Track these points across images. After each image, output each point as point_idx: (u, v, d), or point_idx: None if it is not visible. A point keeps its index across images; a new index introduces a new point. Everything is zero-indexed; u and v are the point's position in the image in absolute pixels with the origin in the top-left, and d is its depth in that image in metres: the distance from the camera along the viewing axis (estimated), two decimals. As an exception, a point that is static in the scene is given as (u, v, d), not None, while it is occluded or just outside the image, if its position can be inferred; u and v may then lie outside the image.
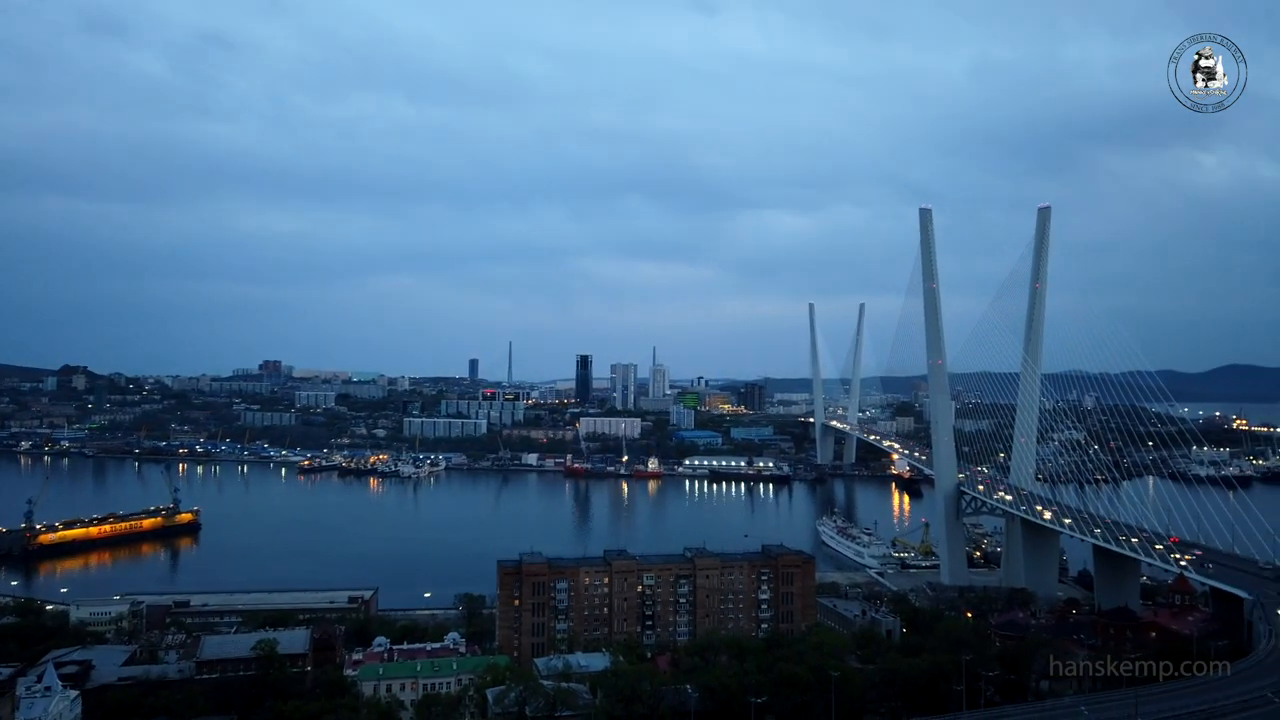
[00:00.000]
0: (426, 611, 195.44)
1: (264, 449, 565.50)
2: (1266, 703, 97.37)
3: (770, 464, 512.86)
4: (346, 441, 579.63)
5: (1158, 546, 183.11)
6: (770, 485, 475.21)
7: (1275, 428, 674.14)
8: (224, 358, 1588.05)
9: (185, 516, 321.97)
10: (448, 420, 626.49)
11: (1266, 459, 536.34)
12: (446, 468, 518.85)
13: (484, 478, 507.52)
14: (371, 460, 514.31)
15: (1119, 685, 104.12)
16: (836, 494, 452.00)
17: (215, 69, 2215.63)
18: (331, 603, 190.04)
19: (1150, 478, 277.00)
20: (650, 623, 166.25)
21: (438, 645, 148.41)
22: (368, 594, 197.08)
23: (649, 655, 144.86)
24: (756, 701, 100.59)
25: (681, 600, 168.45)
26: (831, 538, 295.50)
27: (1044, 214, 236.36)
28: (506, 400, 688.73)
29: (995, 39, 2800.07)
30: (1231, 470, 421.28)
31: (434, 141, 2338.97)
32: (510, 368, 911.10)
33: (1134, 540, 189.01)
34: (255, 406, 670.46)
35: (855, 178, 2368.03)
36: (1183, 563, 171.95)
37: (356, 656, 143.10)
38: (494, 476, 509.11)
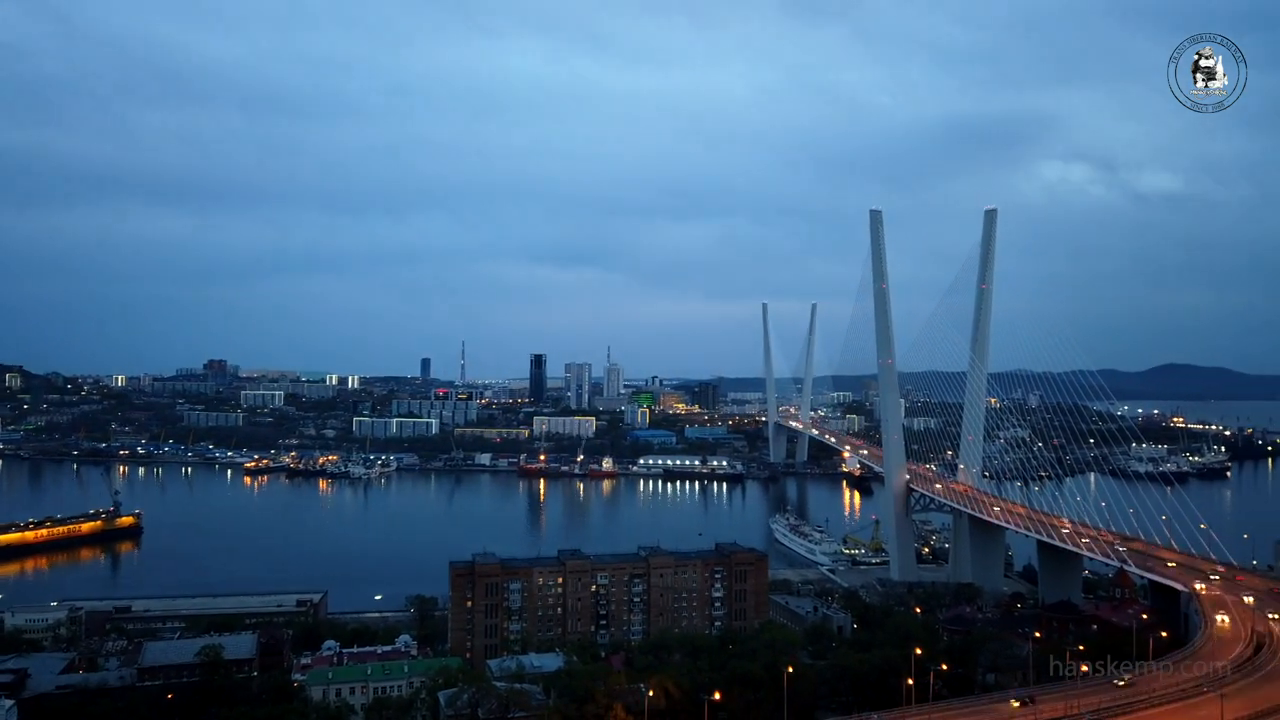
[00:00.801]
0: (377, 614, 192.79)
1: (209, 450, 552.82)
2: (1202, 691, 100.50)
3: (724, 463, 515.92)
4: (295, 442, 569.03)
5: (1100, 541, 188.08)
6: (724, 484, 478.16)
7: (1210, 425, 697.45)
8: (167, 357, 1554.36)
9: (126, 520, 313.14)
10: (399, 420, 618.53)
11: (1202, 455, 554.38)
12: (398, 468, 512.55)
13: (436, 478, 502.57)
14: (321, 461, 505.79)
15: (1061, 678, 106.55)
16: (789, 492, 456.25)
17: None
18: (279, 606, 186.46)
19: (1092, 474, 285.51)
20: (604, 622, 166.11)
21: (388, 648, 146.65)
22: (316, 597, 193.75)
23: (603, 655, 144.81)
24: (710, 699, 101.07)
25: (635, 599, 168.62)
26: (784, 535, 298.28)
27: (990, 216, 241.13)
28: (459, 400, 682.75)
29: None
30: (1169, 467, 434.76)
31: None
32: (463, 367, 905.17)
33: (1077, 536, 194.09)
34: (199, 407, 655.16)
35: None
36: (1122, 557, 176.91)
37: (305, 661, 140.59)
38: (447, 477, 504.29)
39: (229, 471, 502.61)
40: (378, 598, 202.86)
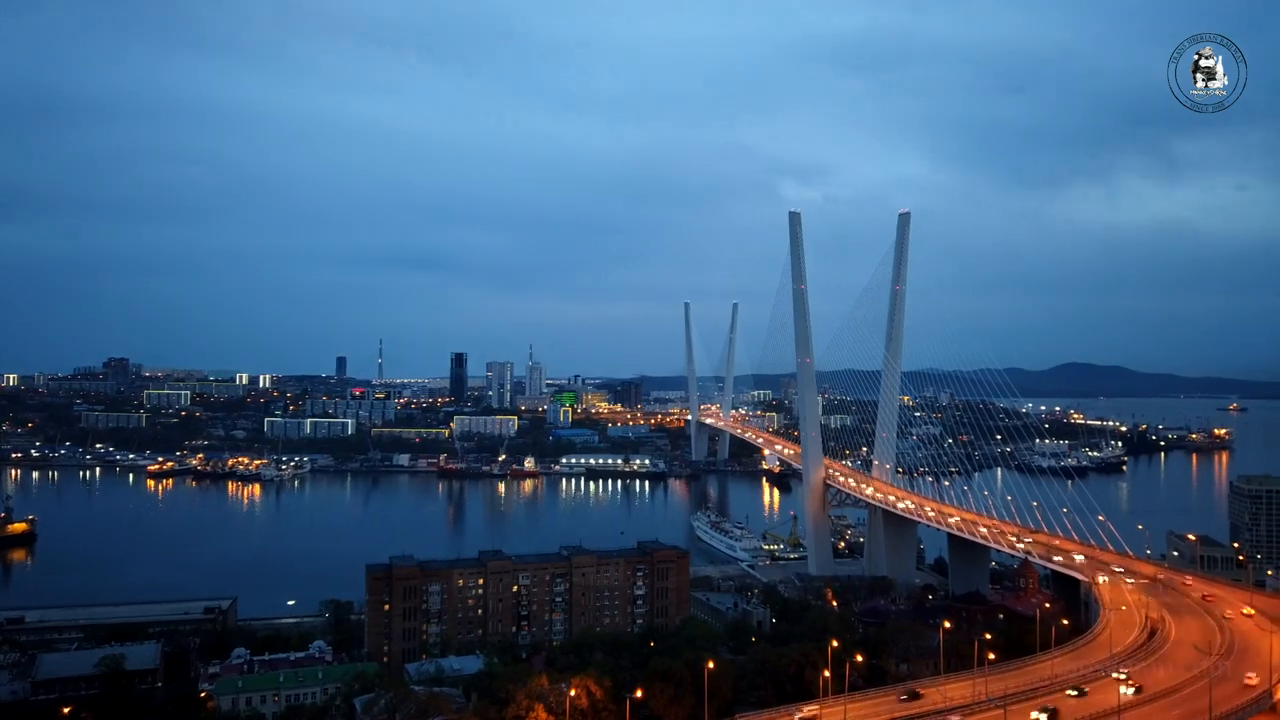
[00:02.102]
0: (290, 620, 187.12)
1: (109, 452, 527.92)
2: (1100, 676, 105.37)
3: (647, 461, 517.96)
4: (203, 443, 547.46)
5: (1006, 534, 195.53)
6: (646, 482, 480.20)
7: (1107, 421, 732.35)
8: (64, 356, 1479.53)
9: (18, 526, 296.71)
10: (313, 420, 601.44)
11: (1100, 451, 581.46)
12: (312, 469, 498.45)
13: (353, 479, 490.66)
14: (230, 463, 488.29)
15: (970, 665, 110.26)
16: (711, 489, 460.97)
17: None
18: (185, 614, 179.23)
19: (999, 469, 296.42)
20: (526, 623, 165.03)
21: (302, 654, 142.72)
22: (225, 603, 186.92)
23: (524, 656, 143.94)
24: (631, 697, 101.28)
25: (558, 599, 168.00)
26: (705, 532, 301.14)
27: (904, 219, 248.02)
28: (377, 399, 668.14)
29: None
30: (1070, 462, 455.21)
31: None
32: (380, 366, 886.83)
33: (984, 528, 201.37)
34: (99, 407, 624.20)
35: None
36: (1026, 549, 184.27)
37: (213, 670, 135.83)
38: (363, 478, 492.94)
39: (131, 475, 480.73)
40: (291, 603, 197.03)
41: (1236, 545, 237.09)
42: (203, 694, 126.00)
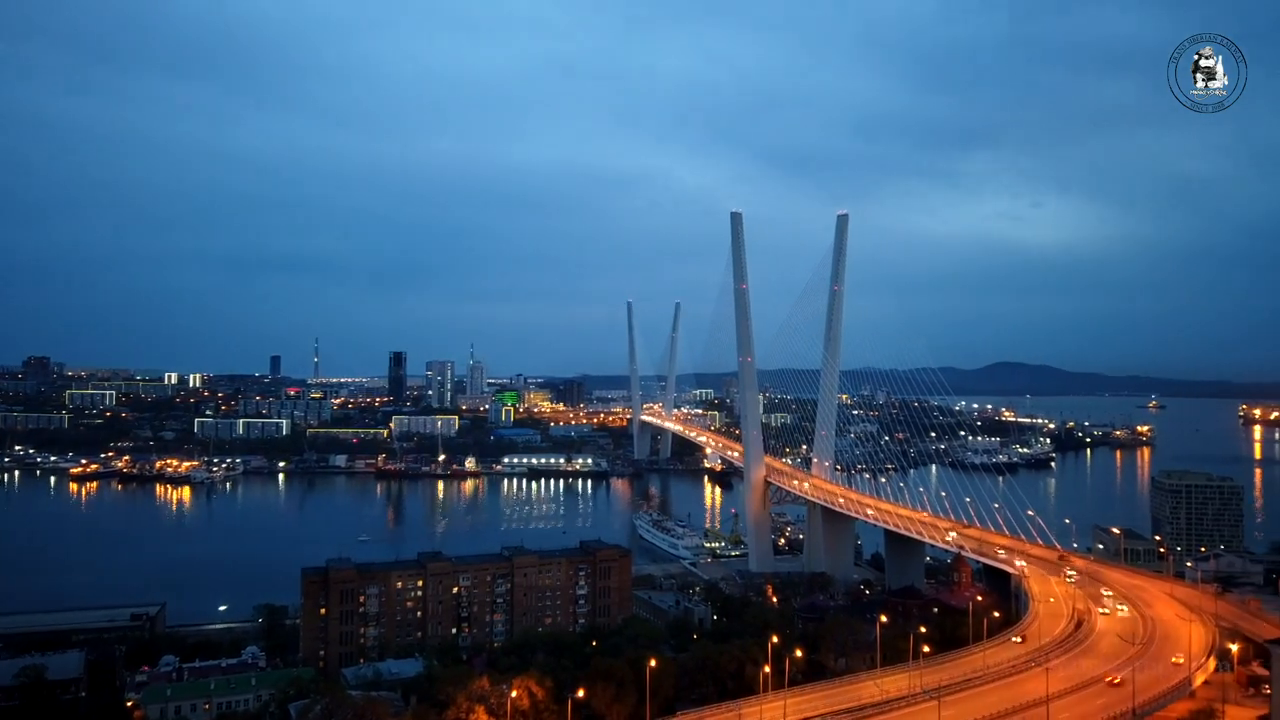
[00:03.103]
0: (222, 625, 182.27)
1: (29, 455, 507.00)
2: (1030, 666, 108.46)
3: (589, 460, 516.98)
4: (129, 445, 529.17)
5: (940, 529, 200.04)
6: (589, 481, 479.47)
7: (1037, 419, 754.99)
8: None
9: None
10: (246, 421, 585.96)
11: (1030, 447, 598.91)
12: (245, 471, 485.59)
13: (288, 481, 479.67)
14: (158, 465, 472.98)
15: (906, 658, 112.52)
16: (653, 488, 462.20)
17: None
18: (111, 621, 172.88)
19: (934, 466, 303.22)
20: (466, 624, 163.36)
21: (234, 661, 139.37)
22: (153, 610, 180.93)
23: (465, 658, 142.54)
24: (573, 697, 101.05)
25: (499, 600, 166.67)
26: (647, 531, 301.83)
27: (842, 221, 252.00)
28: (313, 399, 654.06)
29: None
30: (1001, 458, 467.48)
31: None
32: (317, 365, 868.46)
33: (920, 524, 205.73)
34: (18, 408, 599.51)
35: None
36: (959, 544, 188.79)
37: (140, 678, 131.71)
38: (299, 479, 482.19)
39: (53, 478, 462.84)
40: (222, 608, 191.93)
41: (1158, 538, 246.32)
42: (129, 703, 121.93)
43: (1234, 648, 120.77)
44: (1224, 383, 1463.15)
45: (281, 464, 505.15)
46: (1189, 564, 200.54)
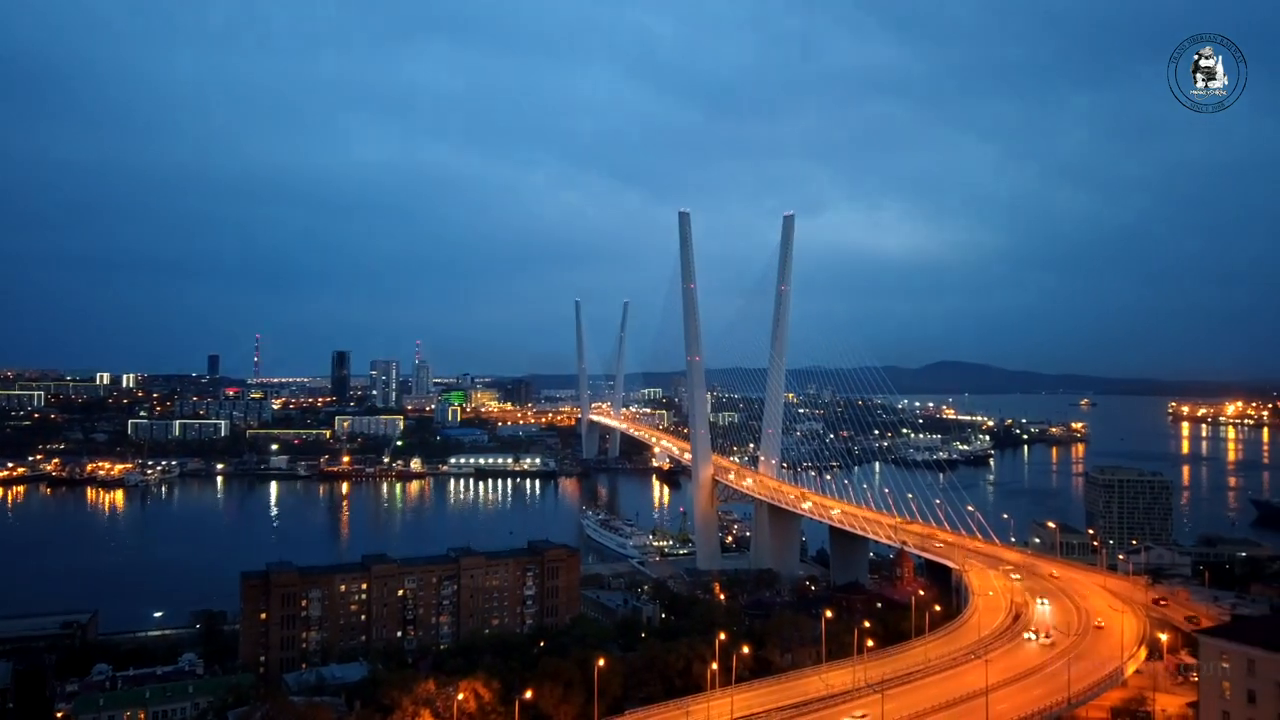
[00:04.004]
0: (158, 632, 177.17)
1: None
2: (970, 659, 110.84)
3: (537, 460, 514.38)
4: (59, 447, 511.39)
5: (883, 525, 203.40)
6: (537, 481, 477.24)
7: (976, 416, 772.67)
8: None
9: None
10: (182, 422, 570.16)
11: (969, 444, 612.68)
12: (181, 473, 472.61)
13: (226, 483, 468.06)
14: (89, 468, 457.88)
15: (851, 653, 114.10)
16: (602, 487, 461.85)
17: None
18: (39, 629, 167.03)
19: (877, 463, 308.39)
20: (412, 627, 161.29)
21: (170, 668, 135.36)
22: (85, 617, 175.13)
23: (410, 661, 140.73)
24: (520, 699, 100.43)
25: (445, 602, 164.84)
26: (595, 530, 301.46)
27: (788, 222, 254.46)
28: (253, 399, 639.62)
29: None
30: (941, 455, 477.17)
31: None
32: (257, 364, 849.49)
33: (863, 520, 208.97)
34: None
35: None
36: (901, 539, 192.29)
37: (71, 688, 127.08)
38: (238, 482, 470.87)
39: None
40: (158, 615, 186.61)
41: (1091, 531, 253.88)
42: (60, 714, 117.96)
43: (1164, 637, 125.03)
44: (1154, 381, 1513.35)
45: (220, 466, 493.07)
46: (1121, 556, 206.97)
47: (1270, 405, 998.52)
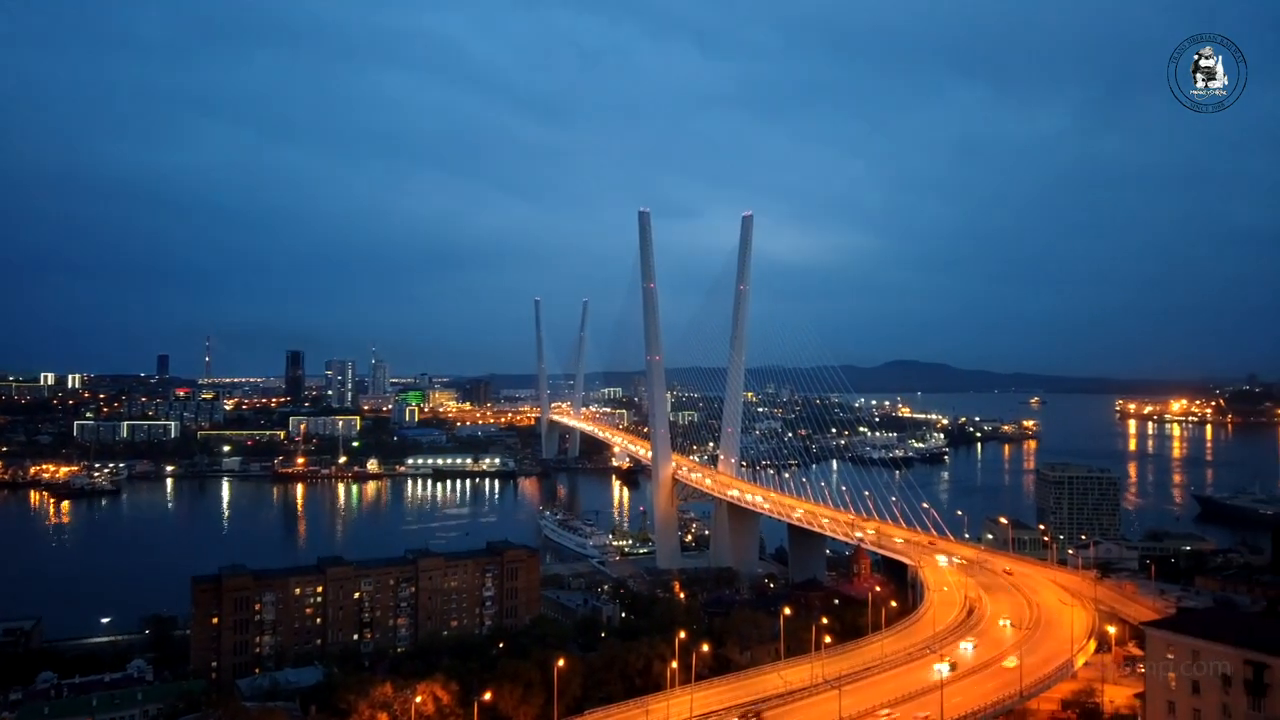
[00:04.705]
0: (105, 639, 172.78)
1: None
2: (925, 654, 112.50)
3: (496, 460, 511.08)
4: (1, 450, 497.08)
5: (840, 522, 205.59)
6: (496, 481, 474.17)
7: (931, 415, 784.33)
8: None
9: None
10: (131, 423, 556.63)
11: (925, 442, 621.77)
12: (130, 476, 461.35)
13: (177, 486, 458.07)
14: (32, 471, 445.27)
15: (809, 650, 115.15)
16: (561, 487, 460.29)
17: None
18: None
19: (835, 461, 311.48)
20: (369, 630, 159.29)
21: (119, 675, 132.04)
22: (28, 624, 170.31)
23: (367, 664, 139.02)
24: (479, 700, 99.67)
25: (403, 604, 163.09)
26: (555, 530, 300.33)
27: (747, 222, 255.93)
28: (204, 399, 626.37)
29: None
30: (898, 453, 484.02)
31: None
32: (208, 364, 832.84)
33: (821, 518, 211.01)
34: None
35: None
36: (859, 537, 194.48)
37: (15, 697, 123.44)
38: (189, 484, 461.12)
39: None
40: (106, 621, 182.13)
41: (1042, 527, 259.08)
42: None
43: (1112, 630, 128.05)
44: (1103, 379, 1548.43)
45: (170, 468, 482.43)
46: (1070, 551, 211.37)
47: (1213, 403, 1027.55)
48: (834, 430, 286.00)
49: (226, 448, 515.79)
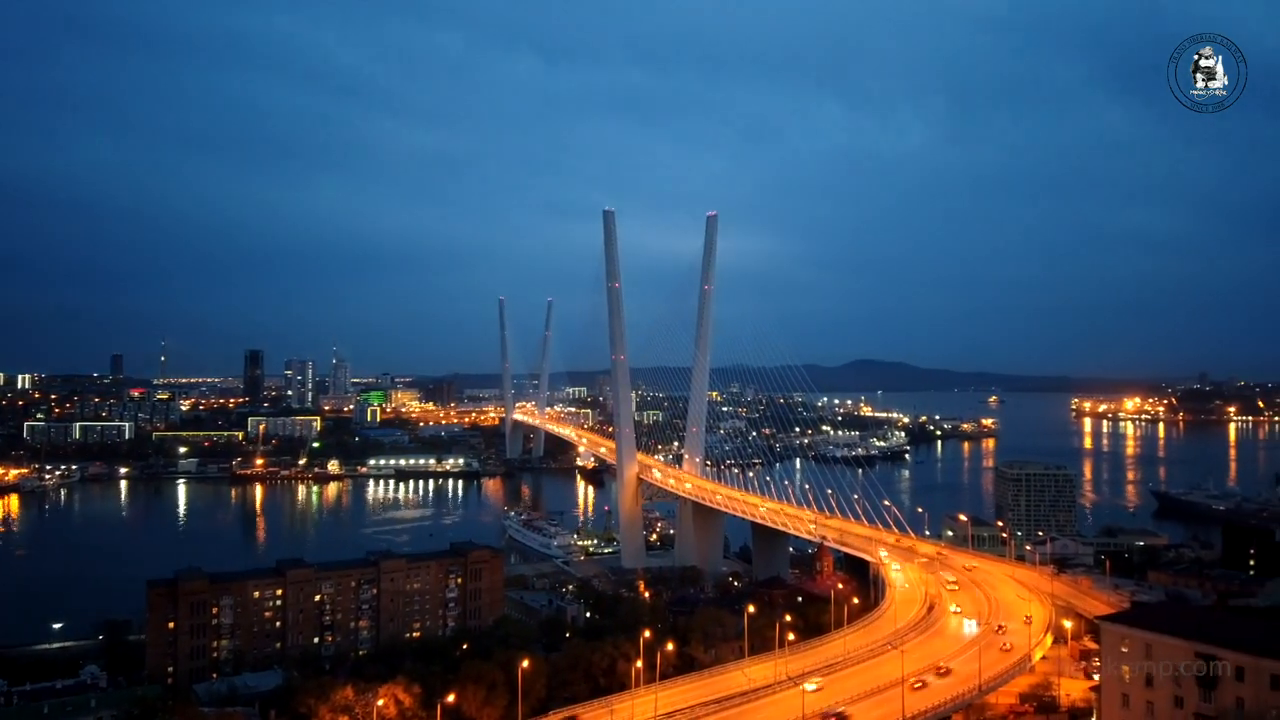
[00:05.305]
0: (57, 645, 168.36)
1: None
2: (887, 649, 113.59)
3: (460, 461, 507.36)
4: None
5: (803, 520, 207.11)
6: (460, 482, 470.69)
7: (893, 413, 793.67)
8: None
9: None
10: (83, 424, 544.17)
11: (886, 440, 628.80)
12: (83, 478, 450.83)
13: (132, 488, 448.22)
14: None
15: (772, 647, 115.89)
16: (526, 487, 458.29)
17: None
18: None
19: (798, 459, 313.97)
20: (330, 633, 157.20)
21: (71, 681, 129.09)
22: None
23: (328, 667, 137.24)
24: (443, 703, 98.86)
25: (364, 606, 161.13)
26: (519, 531, 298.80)
27: (711, 222, 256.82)
28: (159, 400, 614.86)
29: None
30: (860, 451, 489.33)
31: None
32: (163, 364, 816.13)
33: (783, 516, 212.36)
34: None
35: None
36: (821, 534, 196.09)
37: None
38: (144, 486, 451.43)
39: None
40: (57, 626, 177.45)
41: (1001, 523, 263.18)
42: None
43: (1069, 624, 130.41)
44: (1059, 378, 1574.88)
45: (124, 470, 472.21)
46: (1028, 547, 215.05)
47: (1165, 401, 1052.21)
48: (797, 429, 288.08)
49: (183, 449, 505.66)
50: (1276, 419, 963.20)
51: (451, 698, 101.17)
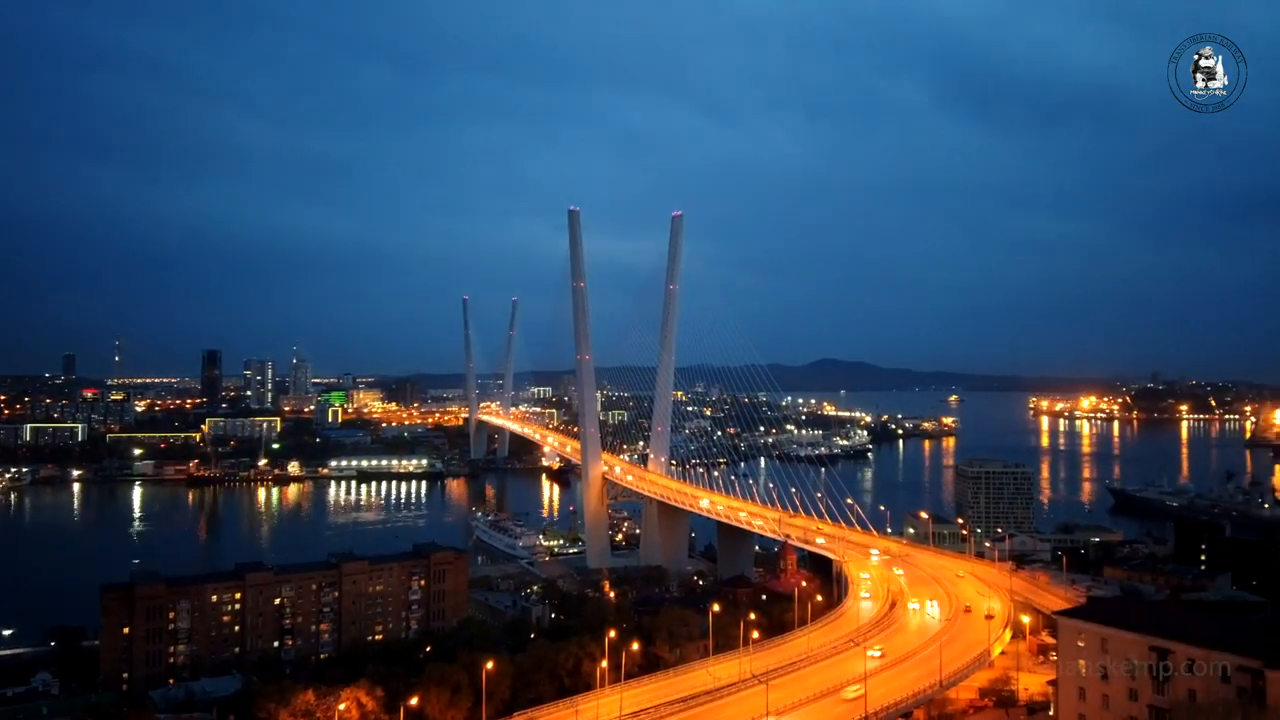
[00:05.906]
0: (8, 652, 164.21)
1: None
2: (850, 646, 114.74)
3: (423, 461, 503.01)
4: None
5: (768, 519, 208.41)
6: (423, 483, 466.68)
7: (855, 412, 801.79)
8: None
9: None
10: (34, 426, 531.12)
11: (849, 439, 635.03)
12: (33, 481, 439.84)
13: (84, 490, 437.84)
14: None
15: (737, 645, 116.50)
16: (491, 488, 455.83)
17: None
18: None
19: (763, 459, 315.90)
20: (290, 637, 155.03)
21: (22, 689, 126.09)
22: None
23: (288, 671, 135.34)
24: (406, 705, 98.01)
25: (326, 609, 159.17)
26: (484, 531, 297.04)
27: (676, 222, 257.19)
28: (114, 401, 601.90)
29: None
30: (823, 450, 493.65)
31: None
32: (118, 364, 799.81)
33: (748, 515, 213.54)
34: None
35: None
36: (785, 533, 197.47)
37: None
38: (98, 488, 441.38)
39: None
40: (7, 633, 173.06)
41: (961, 521, 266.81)
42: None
43: (1027, 620, 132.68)
44: (1017, 377, 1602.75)
45: (77, 472, 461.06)
46: (988, 544, 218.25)
47: (1120, 400, 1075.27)
48: (762, 428, 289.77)
49: (138, 451, 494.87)
50: (1227, 417, 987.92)
51: (415, 700, 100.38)
